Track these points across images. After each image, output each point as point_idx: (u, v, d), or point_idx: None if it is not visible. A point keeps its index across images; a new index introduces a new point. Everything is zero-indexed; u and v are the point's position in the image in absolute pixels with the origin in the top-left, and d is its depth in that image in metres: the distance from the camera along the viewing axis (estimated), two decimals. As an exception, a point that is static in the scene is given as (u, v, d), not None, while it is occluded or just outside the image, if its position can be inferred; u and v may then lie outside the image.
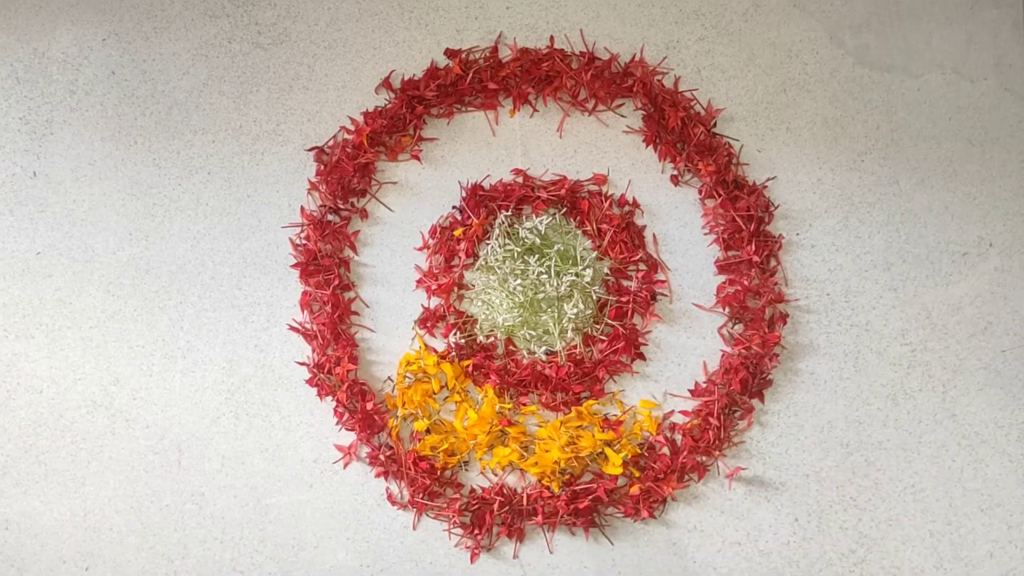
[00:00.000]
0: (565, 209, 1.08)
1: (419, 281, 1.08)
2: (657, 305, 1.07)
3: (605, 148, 1.10)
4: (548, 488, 1.04)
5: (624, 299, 1.07)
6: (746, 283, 1.07)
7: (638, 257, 1.07)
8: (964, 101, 1.11)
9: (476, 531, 1.04)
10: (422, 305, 1.07)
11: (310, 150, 1.09)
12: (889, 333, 1.08)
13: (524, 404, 1.06)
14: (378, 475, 1.05)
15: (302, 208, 1.08)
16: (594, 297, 1.06)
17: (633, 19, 1.12)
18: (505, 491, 1.05)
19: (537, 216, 1.08)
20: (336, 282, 1.06)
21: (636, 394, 1.07)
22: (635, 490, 1.04)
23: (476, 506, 1.04)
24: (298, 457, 1.06)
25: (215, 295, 1.07)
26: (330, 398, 1.06)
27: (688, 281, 1.08)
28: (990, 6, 1.12)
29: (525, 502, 1.04)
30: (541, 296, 1.05)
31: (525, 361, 1.06)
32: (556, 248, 1.06)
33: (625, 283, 1.08)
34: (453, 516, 1.04)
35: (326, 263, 1.07)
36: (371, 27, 1.11)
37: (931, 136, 1.11)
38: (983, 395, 1.07)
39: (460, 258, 1.07)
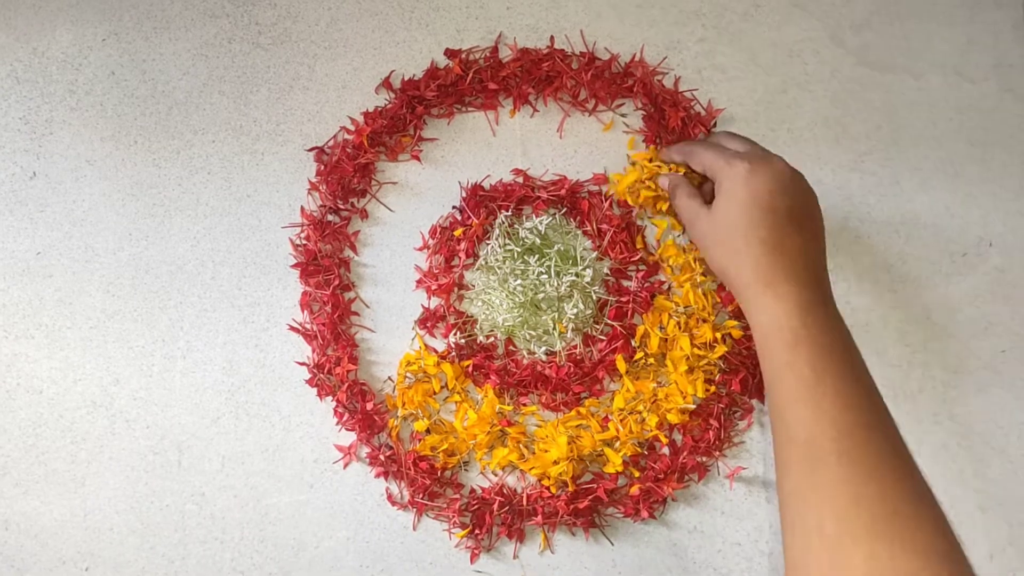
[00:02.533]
0: (565, 209, 1.08)
1: (419, 281, 1.08)
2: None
3: (605, 148, 1.10)
4: (548, 488, 1.04)
5: (624, 299, 1.07)
6: (746, 283, 1.07)
7: (638, 257, 1.07)
8: (965, 102, 1.11)
9: (476, 531, 1.04)
10: (422, 305, 1.07)
11: (310, 150, 1.09)
12: (889, 333, 1.08)
13: (524, 404, 1.06)
14: (378, 475, 1.05)
15: (302, 208, 1.08)
16: (594, 297, 1.06)
17: (633, 19, 1.11)
18: (505, 491, 1.05)
19: (537, 216, 1.08)
20: (336, 282, 1.06)
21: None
22: (635, 490, 1.04)
23: (476, 506, 1.04)
24: (298, 457, 1.06)
25: (215, 295, 1.07)
26: (330, 398, 1.06)
27: (688, 281, 1.08)
28: (991, 7, 1.12)
29: (525, 502, 1.04)
30: (541, 296, 1.05)
31: (525, 361, 1.06)
32: (556, 248, 1.06)
33: (625, 283, 1.08)
34: (453, 516, 1.04)
35: (326, 263, 1.07)
36: (371, 27, 1.11)
37: (932, 137, 1.11)
38: (984, 395, 1.07)
39: (460, 258, 1.07)
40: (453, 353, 1.06)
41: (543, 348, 1.06)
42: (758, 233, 0.82)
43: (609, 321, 1.06)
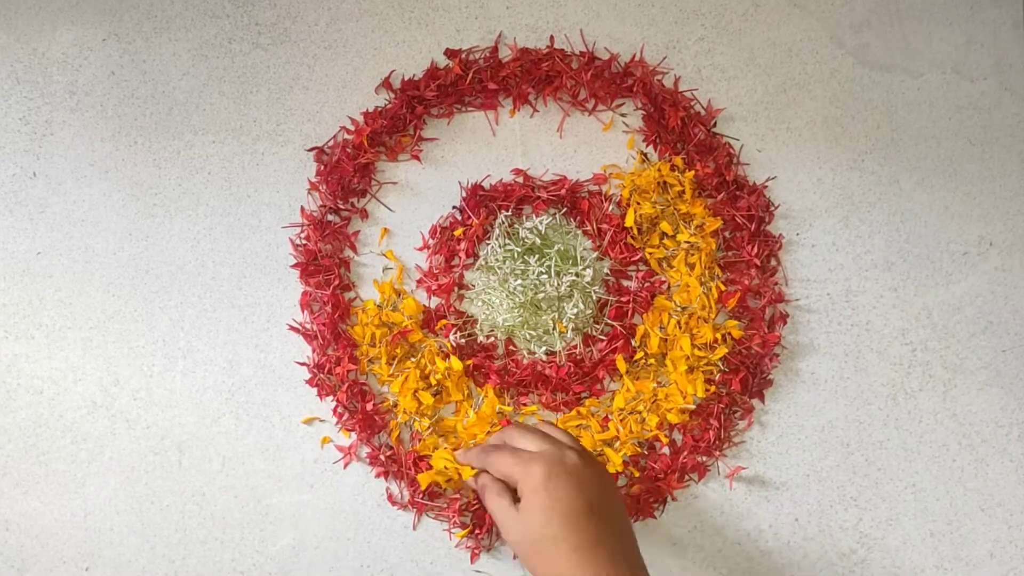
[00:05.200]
0: (565, 209, 1.08)
1: (419, 281, 1.08)
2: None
3: (605, 148, 1.10)
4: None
5: (624, 299, 1.07)
6: (746, 283, 1.07)
7: (638, 257, 1.07)
8: (964, 101, 1.11)
9: (476, 531, 1.04)
10: (423, 305, 1.07)
11: (310, 150, 1.09)
12: (889, 333, 1.08)
13: (524, 404, 1.06)
14: (378, 475, 1.05)
15: (302, 208, 1.08)
16: (594, 297, 1.06)
17: (633, 19, 1.12)
18: (505, 491, 1.05)
19: (537, 216, 1.08)
20: (336, 282, 1.06)
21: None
22: (635, 490, 1.04)
23: (476, 506, 1.04)
24: (298, 457, 1.06)
25: (215, 295, 1.07)
26: (330, 398, 1.06)
27: (688, 281, 1.08)
28: (990, 6, 1.12)
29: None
30: (541, 296, 1.05)
31: (525, 361, 1.06)
32: (556, 248, 1.06)
33: (625, 283, 1.08)
34: (453, 516, 1.04)
35: (326, 263, 1.07)
36: (371, 27, 1.11)
37: (931, 136, 1.11)
38: (984, 395, 1.07)
39: (460, 258, 1.07)
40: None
41: (543, 348, 1.06)
42: (569, 541, 0.80)
43: (609, 321, 1.06)
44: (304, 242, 1.08)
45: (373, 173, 1.09)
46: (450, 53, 1.10)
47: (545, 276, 1.05)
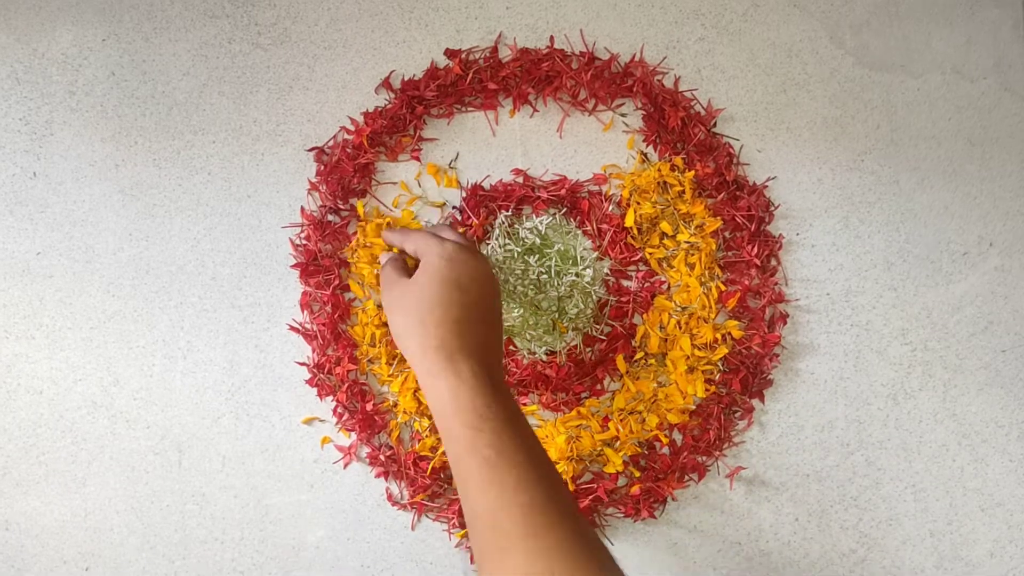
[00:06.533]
0: (565, 209, 1.08)
1: (419, 281, 1.08)
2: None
3: (605, 148, 1.10)
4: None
5: (624, 299, 1.07)
6: (746, 283, 1.07)
7: (638, 257, 1.08)
8: (964, 101, 1.11)
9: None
10: (422, 305, 1.07)
11: (310, 150, 1.09)
12: (889, 333, 1.08)
13: (524, 404, 1.06)
14: (378, 475, 1.05)
15: (302, 208, 1.08)
16: (594, 297, 1.06)
17: (633, 19, 1.12)
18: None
19: (537, 216, 1.08)
20: (336, 282, 1.06)
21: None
22: (635, 490, 1.04)
23: (476, 506, 1.04)
24: (298, 457, 1.06)
25: (215, 295, 1.07)
26: (330, 398, 1.06)
27: (688, 281, 1.08)
28: (990, 6, 1.12)
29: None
30: (541, 296, 1.05)
31: (525, 361, 1.06)
32: (556, 248, 1.06)
33: (625, 283, 1.08)
34: (453, 517, 1.04)
35: (326, 263, 1.07)
36: (371, 27, 1.11)
37: (931, 136, 1.11)
38: (984, 395, 1.07)
39: (460, 258, 1.07)
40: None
41: (543, 348, 1.06)
42: (451, 312, 0.83)
43: (609, 321, 1.07)
44: (304, 242, 1.08)
45: (373, 173, 1.09)
46: (450, 53, 1.10)
47: (545, 276, 1.05)
